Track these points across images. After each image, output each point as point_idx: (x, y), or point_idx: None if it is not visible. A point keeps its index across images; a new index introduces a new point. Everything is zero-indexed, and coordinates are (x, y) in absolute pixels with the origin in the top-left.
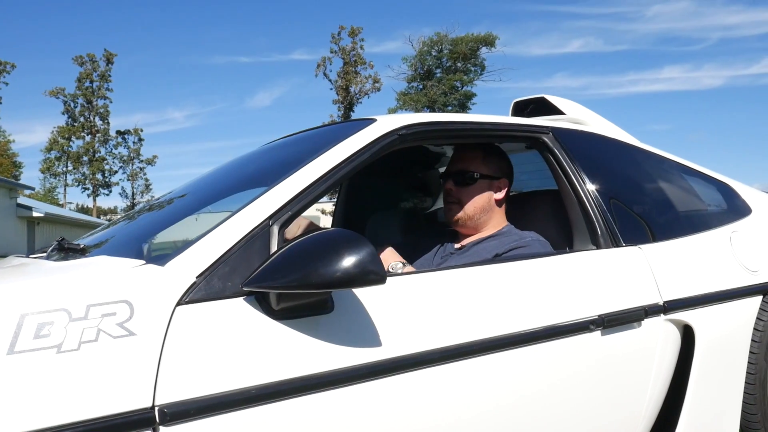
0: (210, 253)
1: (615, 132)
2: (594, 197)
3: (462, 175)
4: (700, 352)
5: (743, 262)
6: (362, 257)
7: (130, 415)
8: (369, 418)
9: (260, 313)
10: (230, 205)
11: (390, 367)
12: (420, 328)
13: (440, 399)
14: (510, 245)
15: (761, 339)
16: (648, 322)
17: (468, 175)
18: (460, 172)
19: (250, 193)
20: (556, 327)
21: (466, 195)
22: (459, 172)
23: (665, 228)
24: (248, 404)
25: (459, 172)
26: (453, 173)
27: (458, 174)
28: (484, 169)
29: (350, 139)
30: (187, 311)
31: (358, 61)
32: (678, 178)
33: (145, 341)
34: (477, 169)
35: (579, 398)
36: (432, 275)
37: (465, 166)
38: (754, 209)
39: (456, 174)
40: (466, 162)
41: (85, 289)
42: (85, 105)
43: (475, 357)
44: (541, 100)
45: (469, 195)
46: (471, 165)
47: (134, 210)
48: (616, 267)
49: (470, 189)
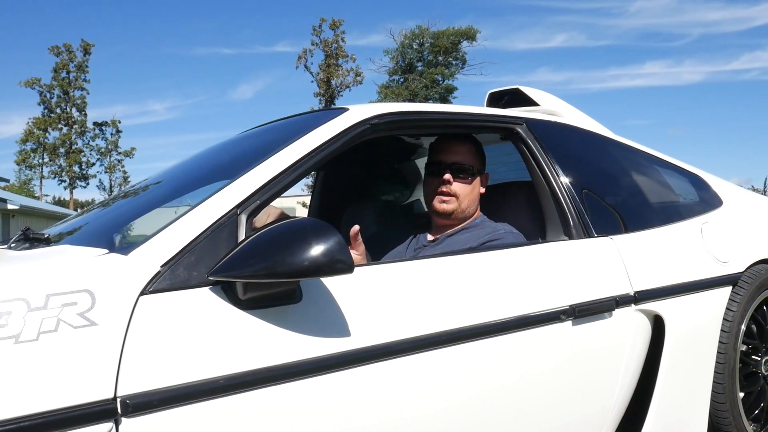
0: (175, 242)
1: (589, 123)
2: (567, 188)
3: (461, 169)
4: (670, 342)
5: (714, 253)
6: (330, 246)
7: (91, 406)
8: (338, 408)
9: (226, 303)
10: (199, 197)
11: (359, 358)
12: (390, 318)
13: (410, 390)
14: (483, 239)
15: (730, 329)
16: (619, 312)
17: (468, 169)
18: (459, 165)
19: (219, 184)
20: (527, 317)
21: (464, 189)
22: (458, 165)
23: (637, 219)
24: (213, 395)
25: (458, 165)
26: (451, 166)
27: (457, 167)
28: (478, 163)
29: (321, 128)
30: (151, 301)
31: (340, 53)
32: (651, 170)
33: (106, 331)
34: (474, 164)
35: (550, 388)
36: (402, 265)
37: (463, 159)
38: (725, 201)
39: (455, 167)
40: (462, 155)
41: (44, 278)
42: (62, 96)
43: (445, 347)
44: (516, 91)
45: (466, 189)
46: (468, 159)
47: (104, 200)
48: (588, 257)
49: (466, 182)
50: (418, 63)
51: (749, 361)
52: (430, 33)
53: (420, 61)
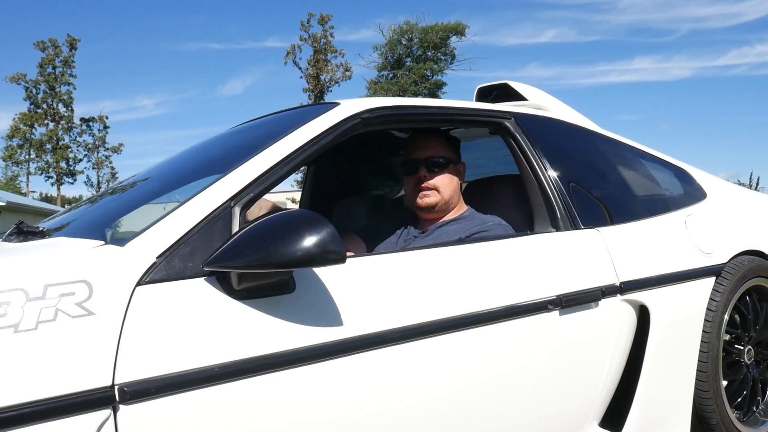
0: (170, 233)
1: (576, 118)
2: (554, 181)
3: (435, 163)
4: (655, 332)
5: (698, 244)
6: (323, 237)
7: (89, 393)
8: (330, 396)
9: (221, 293)
10: (192, 190)
11: (351, 346)
12: (381, 308)
13: (401, 378)
14: (472, 230)
15: (714, 318)
16: (605, 303)
17: (442, 161)
18: (432, 159)
19: (212, 178)
20: (515, 307)
21: (441, 180)
22: (432, 159)
23: (623, 211)
24: (209, 383)
25: (432, 159)
26: (425, 161)
27: (431, 161)
28: (450, 153)
29: (313, 123)
30: (147, 291)
31: (329, 49)
32: (636, 164)
33: (104, 321)
34: (445, 154)
35: (538, 376)
36: (393, 256)
37: (435, 152)
38: (709, 194)
39: (429, 161)
40: (432, 149)
41: (42, 269)
42: (48, 91)
43: (435, 336)
44: (504, 86)
45: (443, 179)
46: (440, 151)
47: (96, 194)
48: (575, 249)
49: (443, 174)
50: (407, 58)
51: (732, 350)
52: (418, 28)
53: (409, 56)
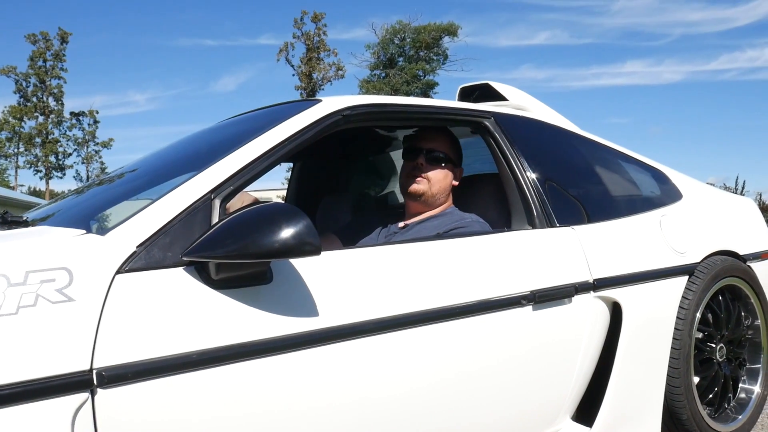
0: (151, 223)
1: (555, 118)
2: (531, 180)
3: (435, 156)
4: (627, 328)
5: (671, 244)
6: (299, 229)
7: (68, 377)
8: (304, 385)
9: (199, 283)
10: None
11: (326, 337)
12: (356, 300)
13: (375, 368)
14: (451, 225)
15: (686, 316)
16: (578, 299)
17: (442, 156)
18: (432, 151)
19: (194, 171)
20: (489, 301)
21: (435, 174)
22: (432, 151)
23: (599, 210)
24: (186, 369)
25: (432, 151)
26: (426, 151)
27: (430, 152)
28: (451, 153)
29: (294, 118)
30: (127, 279)
31: (322, 47)
32: (614, 164)
33: (83, 307)
34: (446, 151)
35: (510, 371)
36: (370, 250)
37: (436, 146)
38: (684, 195)
39: (428, 152)
40: (436, 142)
41: (24, 255)
42: (38, 85)
43: (410, 328)
44: (486, 86)
45: (437, 174)
46: (443, 147)
47: (81, 186)
48: (549, 246)
49: (440, 169)
50: (399, 58)
51: (704, 348)
52: (411, 28)
53: (401, 56)
